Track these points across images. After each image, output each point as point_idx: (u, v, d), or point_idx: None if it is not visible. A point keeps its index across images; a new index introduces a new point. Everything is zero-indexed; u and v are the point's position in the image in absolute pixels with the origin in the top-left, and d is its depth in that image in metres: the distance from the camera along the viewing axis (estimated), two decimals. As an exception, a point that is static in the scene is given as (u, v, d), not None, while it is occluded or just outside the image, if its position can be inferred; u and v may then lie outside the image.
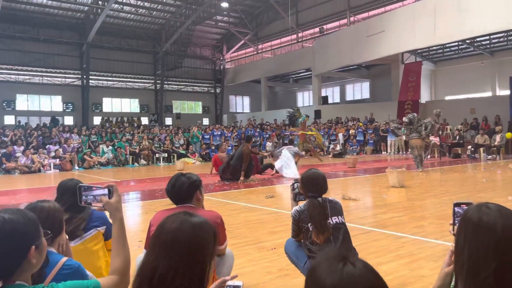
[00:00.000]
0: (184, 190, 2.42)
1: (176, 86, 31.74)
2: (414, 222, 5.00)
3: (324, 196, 2.76)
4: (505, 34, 19.67)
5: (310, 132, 15.34)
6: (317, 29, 27.02)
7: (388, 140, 20.11)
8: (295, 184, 2.94)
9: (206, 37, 31.93)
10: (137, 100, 29.88)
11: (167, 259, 1.25)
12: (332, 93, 31.09)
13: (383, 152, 20.39)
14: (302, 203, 2.78)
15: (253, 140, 10.61)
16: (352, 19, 25.35)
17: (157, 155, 17.64)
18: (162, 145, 18.51)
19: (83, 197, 1.66)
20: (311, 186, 2.74)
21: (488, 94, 22.25)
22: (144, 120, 28.09)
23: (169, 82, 30.61)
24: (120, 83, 28.83)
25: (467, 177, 9.90)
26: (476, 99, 22.12)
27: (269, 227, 4.90)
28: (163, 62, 28.90)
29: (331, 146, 19.84)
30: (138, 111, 29.61)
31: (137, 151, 17.18)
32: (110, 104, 28.66)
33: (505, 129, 18.45)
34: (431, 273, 3.18)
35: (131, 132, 19.75)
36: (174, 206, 2.48)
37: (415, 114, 11.58)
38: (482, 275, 1.09)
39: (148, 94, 30.12)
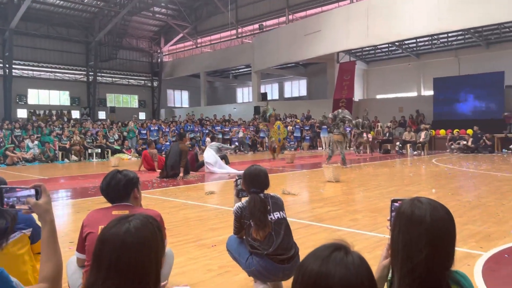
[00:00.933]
0: (120, 188, 2.29)
1: (111, 79, 30.37)
2: (349, 216, 5.20)
3: (266, 192, 2.77)
4: (430, 38, 21.18)
5: (275, 127, 15.16)
6: (256, 26, 27.22)
7: (321, 137, 20.82)
8: (238, 181, 2.91)
9: (143, 29, 30.87)
10: (67, 93, 28.16)
11: (117, 279, 1.14)
12: (271, 90, 31.54)
13: (319, 148, 21.09)
14: (245, 199, 2.76)
15: (186, 136, 10.53)
16: (290, 17, 25.85)
17: (89, 151, 16.77)
18: (95, 140, 17.63)
19: (5, 199, 1.50)
20: (253, 182, 2.74)
21: (414, 93, 23.83)
22: (75, 114, 26.57)
23: (102, 74, 29.18)
24: (48, 73, 26.97)
25: (396, 172, 10.52)
26: (403, 98, 23.60)
27: (210, 224, 4.84)
28: (96, 53, 27.48)
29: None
30: (69, 104, 27.93)
31: (67, 146, 16.21)
32: (37, 96, 26.74)
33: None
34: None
35: (61, 126, 18.58)
36: (109, 204, 2.34)
37: (340, 111, 12.00)
38: (415, 262, 1.21)
39: (79, 86, 28.49)
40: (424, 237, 1.22)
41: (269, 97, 29.51)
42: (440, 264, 1.23)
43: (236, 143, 20.31)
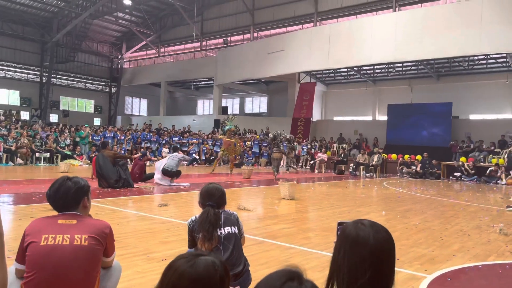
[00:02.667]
0: (70, 196, 2.18)
1: (66, 81, 29.27)
2: (302, 234, 5.26)
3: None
4: (386, 66, 22.21)
5: (232, 140, 14.92)
6: (221, 40, 27.38)
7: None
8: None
9: (105, 33, 30.14)
10: (17, 92, 26.80)
11: None
12: (232, 104, 31.64)
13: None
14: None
15: (108, 145, 10.44)
16: (255, 34, 26.23)
17: (37, 155, 15.95)
18: (44, 144, 16.81)
19: None
20: (208, 198, 2.73)
21: (369, 118, 24.76)
22: (25, 115, 25.29)
23: (58, 76, 28.09)
24: (-3, 71, 25.60)
25: (349, 192, 10.80)
26: (359, 122, 24.44)
27: (161, 237, 4.71)
28: (53, 54, 26.43)
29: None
30: (18, 104, 26.57)
31: (13, 148, 15.34)
32: (-16, 94, 25.26)
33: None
34: (316, 283, 3.34)
35: (7, 126, 17.58)
36: (55, 213, 2.22)
37: (279, 131, 13.85)
38: (360, 283, 1.22)
39: (31, 86, 27.21)
40: (368, 259, 1.24)
41: (230, 111, 29.56)
42: (383, 284, 1.26)
43: (194, 155, 20.11)
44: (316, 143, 21.85)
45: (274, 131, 14.17)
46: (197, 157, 20.15)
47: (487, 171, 16.22)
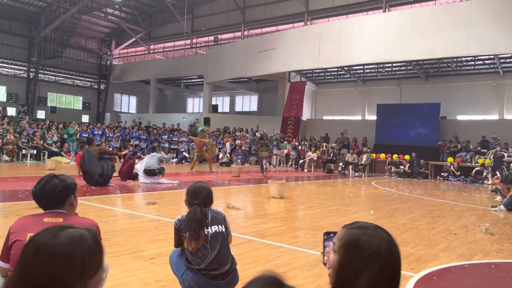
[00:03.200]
0: (56, 194, 2.14)
1: (54, 77, 28.88)
2: (291, 232, 5.26)
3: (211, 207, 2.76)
4: (376, 66, 22.37)
5: (205, 140, 14.97)
6: (211, 38, 27.27)
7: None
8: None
9: (94, 29, 29.81)
10: (4, 88, 26.38)
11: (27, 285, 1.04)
12: (222, 102, 31.55)
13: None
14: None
15: (94, 141, 10.38)
16: (246, 33, 26.19)
17: (23, 151, 15.73)
18: (31, 140, 16.58)
19: None
20: (196, 197, 2.71)
21: (359, 117, 24.91)
22: (11, 111, 24.88)
23: (45, 72, 27.70)
24: (-17, 65, 25.16)
25: (337, 191, 10.86)
26: (349, 121, 24.58)
27: (149, 235, 4.68)
28: (40, 49, 26.01)
29: (220, 154, 19.96)
30: (5, 100, 26.15)
31: (-1, 145, 15.10)
32: (-31, 89, 24.81)
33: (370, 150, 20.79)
34: (304, 282, 3.36)
35: (-6, 123, 17.31)
36: (41, 211, 2.18)
37: (265, 131, 14.66)
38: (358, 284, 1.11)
39: (18, 82, 26.80)
40: (365, 260, 1.13)
41: (220, 110, 29.54)
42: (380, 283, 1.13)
43: (184, 153, 20.02)
44: (306, 142, 21.91)
45: (261, 131, 14.75)
46: (187, 155, 20.06)
47: (473, 172, 16.45)
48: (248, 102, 30.85)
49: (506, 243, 5.16)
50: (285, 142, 21.79)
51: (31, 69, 26.66)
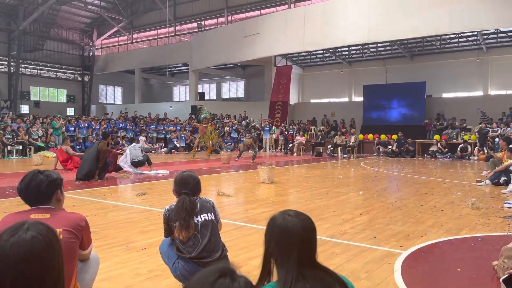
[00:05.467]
0: (42, 190, 2.12)
1: (36, 71, 28.33)
2: (282, 216, 5.30)
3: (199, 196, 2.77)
4: (361, 47, 22.36)
5: (209, 127, 15.41)
6: (195, 24, 26.92)
7: (264, 138, 21.16)
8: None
9: (74, 20, 29.18)
10: (-15, 84, 25.81)
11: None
12: (209, 90, 31.35)
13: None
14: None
15: (110, 137, 10.07)
16: (229, 18, 25.89)
17: (9, 148, 15.50)
18: (15, 136, 16.33)
19: None
20: (184, 186, 2.71)
21: (346, 99, 24.99)
22: (-6, 107, 24.43)
23: (26, 66, 27.13)
24: (-38, 61, 24.53)
25: (327, 174, 10.95)
26: (336, 103, 24.65)
27: (140, 226, 4.68)
28: (20, 42, 25.44)
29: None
30: (-14, 96, 25.62)
31: (-17, 142, 14.85)
32: None
33: (358, 131, 20.96)
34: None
35: (-24, 120, 16.99)
36: (28, 207, 2.17)
37: (251, 118, 14.88)
38: (289, 263, 1.44)
39: (0, 77, 26.27)
40: (296, 244, 1.46)
41: (206, 97, 29.36)
42: (310, 257, 1.50)
43: (175, 143, 19.94)
44: (294, 126, 21.95)
45: (248, 119, 15.01)
46: (178, 144, 19.99)
47: (458, 149, 16.71)
48: (235, 89, 30.69)
49: (491, 217, 5.29)
50: (273, 127, 21.82)
51: (12, 63, 26.09)
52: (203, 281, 0.96)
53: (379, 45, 21.84)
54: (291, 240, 1.47)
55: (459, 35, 19.51)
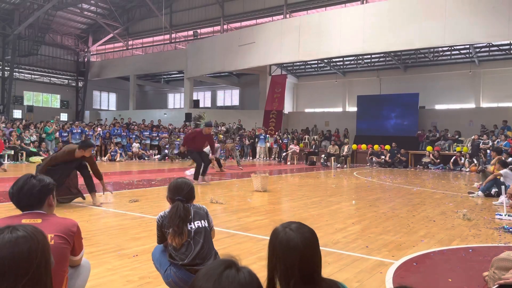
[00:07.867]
0: (34, 195, 2.11)
1: (30, 75, 28.21)
2: (275, 225, 5.23)
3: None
4: (355, 58, 22.58)
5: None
6: (191, 32, 27.03)
7: (258, 146, 21.17)
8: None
9: (69, 25, 29.19)
10: (-22, 87, 25.64)
11: None
12: (204, 97, 31.39)
13: (249, 158, 21.34)
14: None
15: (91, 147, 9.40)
16: (225, 27, 26.04)
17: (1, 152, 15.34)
18: (8, 140, 16.20)
19: None
20: (177, 193, 2.72)
21: (340, 109, 25.14)
22: (-14, 111, 24.22)
23: (20, 70, 27.02)
24: (-45, 65, 24.37)
25: (320, 183, 10.97)
26: (330, 113, 24.78)
27: (132, 233, 4.66)
28: (15, 47, 25.36)
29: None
30: (-21, 100, 25.44)
31: (-26, 146, 14.68)
32: None
33: (351, 141, 21.07)
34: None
35: (-32, 123, 16.83)
36: (19, 212, 2.15)
37: (231, 124, 15.56)
38: (292, 282, 1.42)
39: (-8, 81, 26.10)
40: (298, 261, 1.44)
41: (201, 105, 29.38)
42: (312, 273, 1.47)
43: (166, 151, 19.87)
44: (289, 135, 22.00)
45: (227, 125, 15.94)
46: (170, 153, 19.90)
47: (451, 160, 16.84)
48: (229, 97, 30.76)
49: (482, 228, 5.32)
50: (267, 136, 21.86)
51: (6, 68, 25.97)
52: (210, 274, 0.99)
53: (373, 56, 22.08)
54: (292, 257, 1.44)
55: (452, 48, 19.78)
